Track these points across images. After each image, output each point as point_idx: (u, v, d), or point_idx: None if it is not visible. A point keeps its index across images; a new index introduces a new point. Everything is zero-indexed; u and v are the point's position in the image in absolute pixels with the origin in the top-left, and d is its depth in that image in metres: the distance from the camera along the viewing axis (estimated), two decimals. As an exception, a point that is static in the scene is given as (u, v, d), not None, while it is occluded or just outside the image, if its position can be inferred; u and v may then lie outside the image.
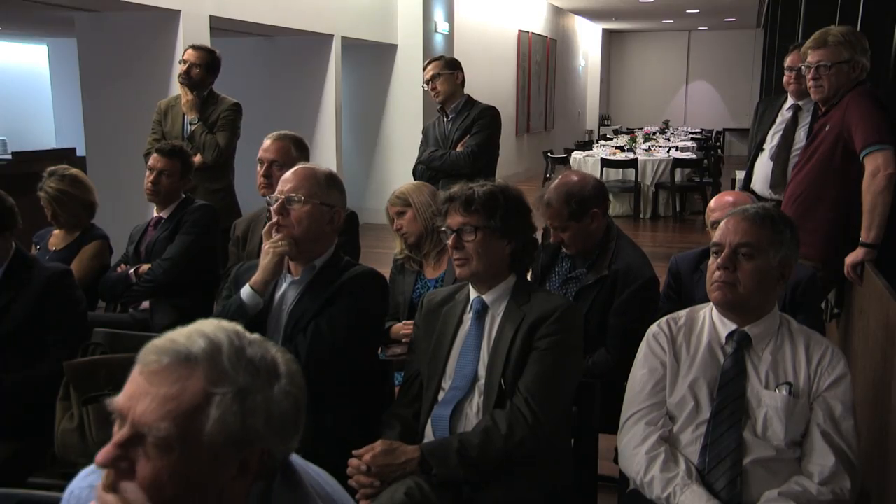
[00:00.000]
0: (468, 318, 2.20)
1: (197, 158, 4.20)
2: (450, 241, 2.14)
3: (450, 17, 10.57)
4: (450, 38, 10.59)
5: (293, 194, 2.32)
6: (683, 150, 12.12)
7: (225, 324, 1.14)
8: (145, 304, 3.58)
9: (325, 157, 8.34)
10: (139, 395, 1.07)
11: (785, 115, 4.16)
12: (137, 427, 1.06)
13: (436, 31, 10.17)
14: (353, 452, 2.01)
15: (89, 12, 6.08)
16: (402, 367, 2.68)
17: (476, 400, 2.11)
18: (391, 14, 9.74)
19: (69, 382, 2.60)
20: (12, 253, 2.74)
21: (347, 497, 1.29)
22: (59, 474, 2.54)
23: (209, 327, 1.12)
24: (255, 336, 1.16)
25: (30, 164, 6.92)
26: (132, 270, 3.57)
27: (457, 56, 5.59)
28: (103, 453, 1.06)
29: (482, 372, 2.12)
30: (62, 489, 1.86)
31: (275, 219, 2.34)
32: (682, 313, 2.14)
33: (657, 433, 1.98)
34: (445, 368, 2.17)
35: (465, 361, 2.14)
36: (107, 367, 2.66)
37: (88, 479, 1.28)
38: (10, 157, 7.46)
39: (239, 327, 1.15)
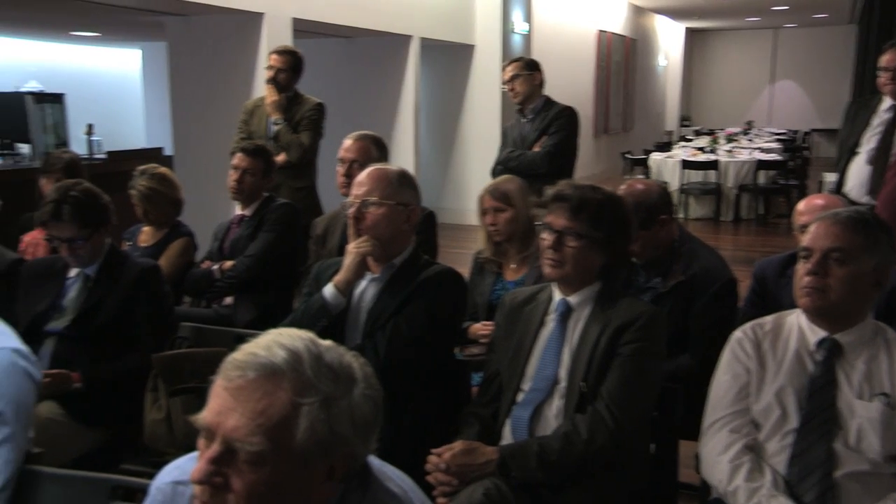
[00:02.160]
0: (550, 319, 2.18)
1: (281, 157, 4.29)
2: (548, 241, 2.11)
3: (528, 18, 10.52)
4: (528, 38, 10.54)
5: (368, 197, 2.35)
6: (768, 151, 11.78)
7: (298, 331, 1.15)
8: (228, 300, 3.67)
9: (403, 157, 8.41)
10: (227, 410, 1.08)
11: (883, 116, 3.99)
12: (229, 443, 1.07)
13: (514, 31, 10.14)
14: (433, 451, 2.02)
15: (179, 17, 6.28)
16: (479, 368, 2.67)
17: (556, 403, 2.09)
18: (469, 15, 9.75)
19: (157, 374, 2.68)
20: (107, 249, 2.85)
21: (423, 497, 1.30)
22: (148, 462, 2.62)
23: (285, 337, 1.13)
24: (329, 342, 1.17)
25: (122, 162, 7.18)
26: (216, 267, 3.66)
27: (535, 56, 5.56)
28: (197, 471, 1.08)
29: (563, 375, 2.10)
30: (151, 476, 1.93)
31: (351, 223, 2.37)
32: (768, 319, 2.08)
33: (741, 441, 1.92)
34: (525, 369, 2.16)
35: (546, 363, 2.12)
36: (192, 361, 2.74)
37: (172, 474, 1.32)
38: (104, 156, 7.76)
39: (312, 334, 1.16)
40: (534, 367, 2.14)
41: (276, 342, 1.11)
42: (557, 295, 2.19)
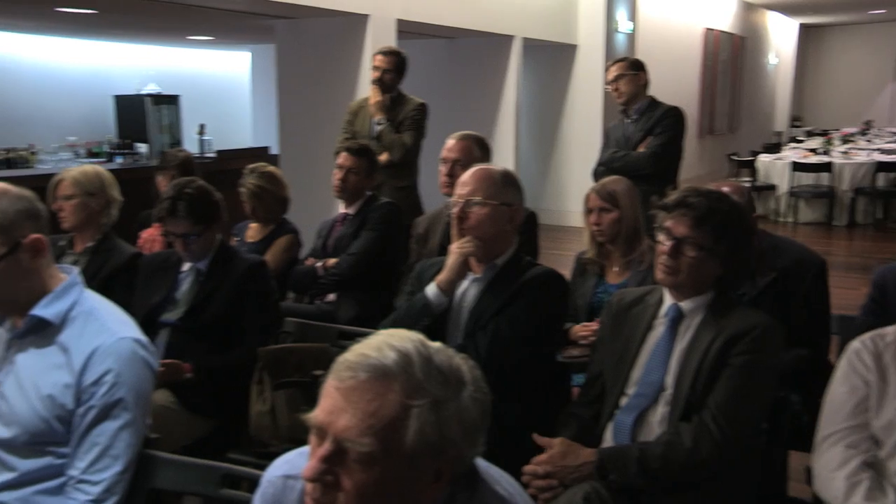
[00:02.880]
0: (659, 323, 2.12)
1: (384, 157, 4.35)
2: (665, 247, 2.05)
3: (633, 16, 10.33)
4: (632, 37, 10.36)
5: (472, 197, 2.35)
6: (888, 152, 11.19)
7: (408, 333, 1.16)
8: (331, 297, 3.74)
9: (504, 157, 8.40)
10: (338, 410, 1.09)
11: None
12: (340, 442, 1.09)
13: (617, 30, 9.97)
14: (532, 461, 2.00)
15: (288, 19, 6.45)
16: (580, 369, 2.64)
17: (661, 409, 2.04)
18: (572, 14, 9.65)
19: (263, 367, 2.76)
20: (218, 244, 2.95)
21: (529, 500, 1.29)
22: (253, 452, 2.70)
23: (395, 339, 1.14)
24: (438, 344, 1.17)
25: (230, 161, 7.45)
26: (319, 264, 3.74)
27: (638, 56, 5.46)
28: (309, 468, 1.10)
29: (669, 381, 2.04)
30: (256, 466, 1.99)
31: (455, 223, 2.38)
32: (890, 330, 1.96)
33: (860, 457, 1.83)
34: (630, 374, 2.11)
35: (653, 369, 2.07)
36: (296, 355, 2.81)
37: (282, 468, 1.34)
38: (214, 154, 8.07)
39: (422, 336, 1.16)
40: (639, 372, 2.10)
41: (386, 344, 1.12)
42: (668, 299, 2.13)
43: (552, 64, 9.88)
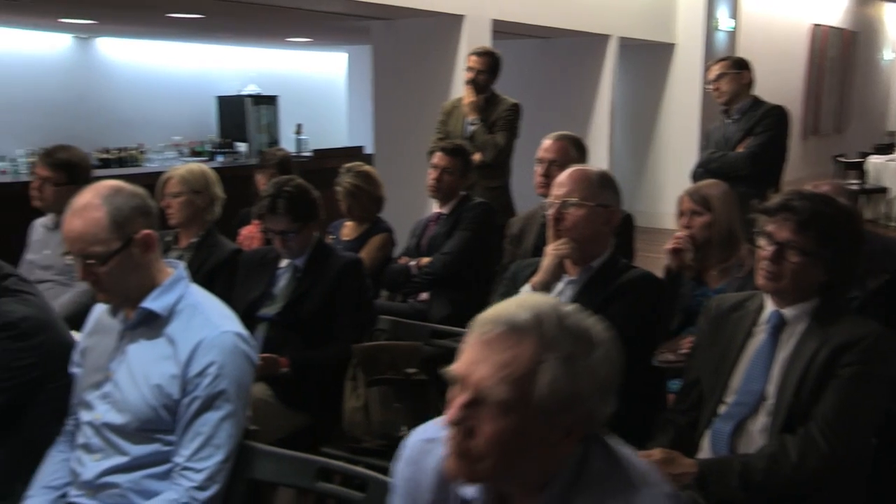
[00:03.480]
0: (760, 330, 2.05)
1: (476, 157, 4.36)
2: (767, 252, 1.98)
3: (734, 14, 10.03)
4: (733, 35, 10.06)
5: (568, 198, 2.33)
6: None
7: (542, 296, 1.28)
8: (424, 296, 3.77)
9: (597, 158, 8.27)
10: (477, 361, 1.18)
11: None
12: (477, 391, 1.17)
13: (718, 28, 9.70)
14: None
15: (384, 20, 6.53)
16: (676, 375, 2.58)
17: (761, 419, 1.97)
18: (671, 12, 9.45)
19: (357, 364, 2.80)
20: (315, 242, 3.01)
21: (656, 472, 1.30)
22: (346, 447, 2.75)
23: (531, 300, 1.23)
24: (572, 306, 1.24)
25: (326, 160, 7.60)
26: (413, 263, 3.77)
27: (739, 54, 5.29)
28: (451, 415, 1.19)
29: (771, 391, 1.97)
30: (348, 461, 2.02)
31: (551, 224, 2.36)
32: None
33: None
34: (729, 381, 2.05)
35: (754, 377, 2.00)
36: (389, 353, 2.84)
37: (423, 434, 1.42)
38: (310, 153, 8.25)
39: (556, 299, 1.26)
40: (739, 380, 2.03)
41: (522, 304, 1.21)
42: (770, 305, 2.05)
43: (648, 63, 9.69)
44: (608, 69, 8.52)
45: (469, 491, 1.29)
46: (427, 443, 1.38)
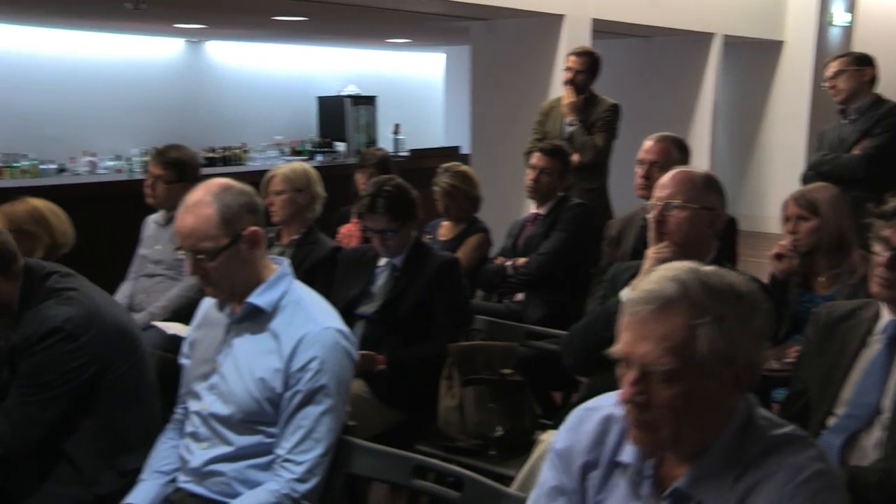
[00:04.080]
0: (875, 340, 1.95)
1: (574, 158, 4.31)
2: (882, 258, 1.89)
3: (851, 7, 9.58)
4: (849, 31, 9.61)
5: (671, 200, 2.27)
6: None
7: (682, 263, 1.33)
8: (519, 296, 3.75)
9: (698, 159, 8.05)
10: (636, 340, 1.28)
11: None
12: (643, 367, 1.27)
13: (832, 24, 9.29)
14: None
15: (483, 21, 6.54)
16: (781, 384, 2.49)
17: (876, 434, 1.87)
18: (780, 9, 9.11)
19: (453, 363, 2.80)
20: (413, 241, 3.04)
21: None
22: (440, 446, 2.76)
23: (671, 271, 1.31)
24: (711, 267, 1.32)
25: (423, 160, 7.67)
26: (509, 263, 3.76)
27: (856, 51, 5.04)
28: (623, 393, 1.30)
29: (887, 405, 1.87)
30: (442, 460, 2.03)
31: (652, 227, 2.30)
32: None
33: None
34: (840, 393, 1.96)
35: (867, 390, 1.91)
36: (485, 353, 2.84)
37: (587, 404, 1.50)
38: (407, 153, 8.34)
39: (695, 264, 1.33)
40: (850, 392, 1.94)
41: (664, 277, 1.30)
42: (886, 315, 1.95)
43: (754, 62, 9.38)
44: (711, 68, 8.29)
45: (625, 455, 1.38)
46: (588, 411, 1.47)
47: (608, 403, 1.44)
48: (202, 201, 1.90)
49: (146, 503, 1.96)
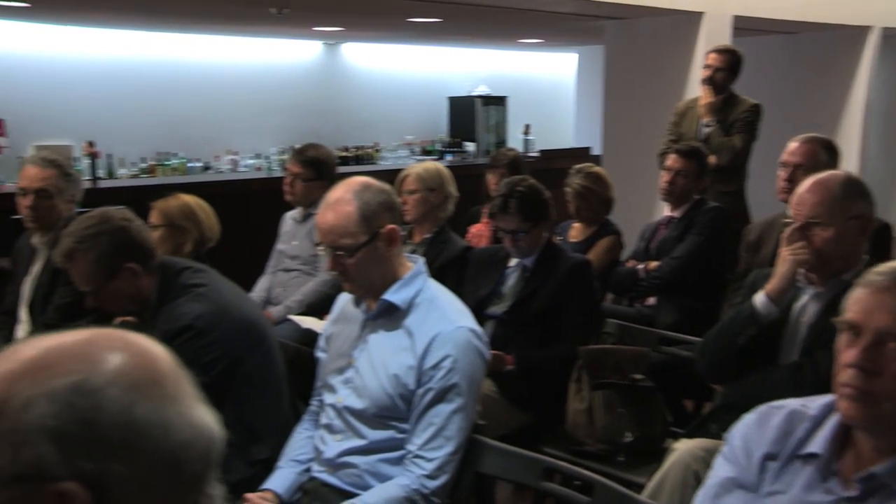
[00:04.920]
0: None
1: (711, 160, 4.17)
2: None
3: None
4: None
5: (813, 219, 2.14)
6: None
7: None
8: (651, 301, 3.67)
9: (847, 163, 7.59)
10: (872, 309, 1.35)
11: None
12: (877, 334, 1.33)
13: None
14: None
15: (618, 20, 6.43)
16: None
17: None
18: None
19: (582, 366, 2.78)
20: (544, 242, 3.02)
21: None
22: (567, 449, 2.73)
23: None
24: None
25: (552, 160, 7.61)
26: (641, 266, 3.68)
27: None
28: (852, 356, 1.35)
29: None
30: (570, 463, 2.00)
31: (798, 244, 2.18)
32: None
33: None
34: None
35: None
36: (616, 357, 2.79)
37: (775, 403, 1.52)
38: (537, 154, 8.31)
39: None
40: None
41: None
42: None
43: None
44: (866, 64, 7.79)
45: (814, 446, 1.41)
46: (774, 408, 1.50)
47: (793, 403, 1.49)
48: (343, 199, 1.95)
49: (282, 489, 2.04)
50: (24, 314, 3.09)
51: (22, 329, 3.08)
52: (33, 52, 6.69)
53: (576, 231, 3.96)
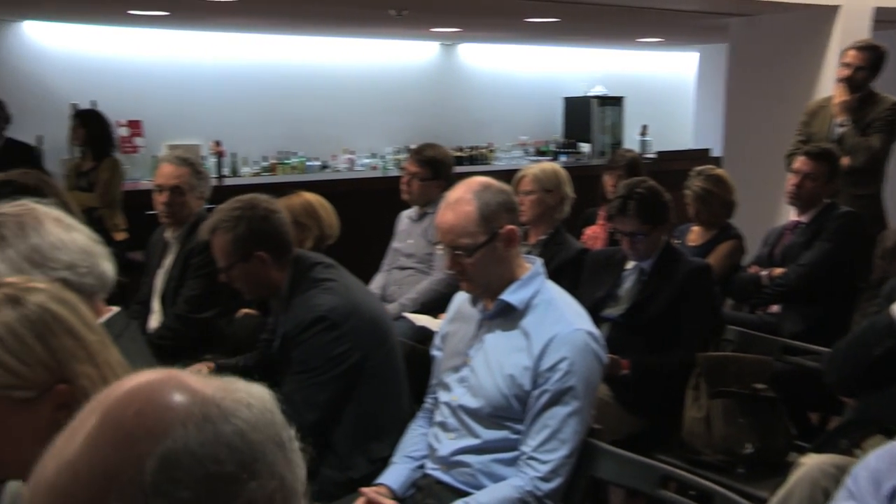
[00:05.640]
0: None
1: (845, 162, 3.97)
2: None
3: None
4: None
5: None
6: None
7: None
8: (774, 308, 3.54)
9: None
10: None
11: None
12: None
13: None
14: None
15: (744, 17, 6.21)
16: None
17: None
18: None
19: (701, 373, 2.70)
20: (663, 245, 2.95)
21: None
22: (682, 457, 2.66)
23: None
24: None
25: (670, 162, 7.43)
26: (765, 273, 3.55)
27: None
28: None
29: None
30: (685, 472, 1.95)
31: None
32: None
33: None
34: None
35: None
36: (736, 365, 2.70)
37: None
38: (654, 155, 8.13)
39: None
40: None
41: None
42: None
43: None
44: None
45: None
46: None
47: None
48: (463, 199, 1.96)
49: (397, 485, 2.06)
50: (156, 305, 3.26)
51: (154, 319, 3.25)
52: (166, 57, 7.05)
53: (695, 234, 3.85)
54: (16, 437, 1.10)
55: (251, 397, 0.74)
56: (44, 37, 6.54)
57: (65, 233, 1.52)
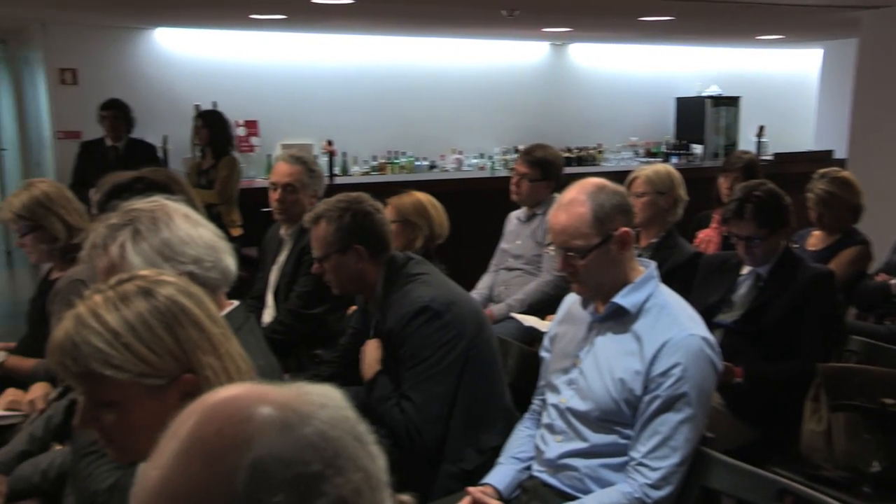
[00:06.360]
0: None
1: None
2: None
3: None
4: None
5: None
6: None
7: None
8: (903, 319, 3.36)
9: None
10: None
11: None
12: None
13: None
14: None
15: (877, 9, 5.89)
16: None
17: None
18: None
19: (821, 385, 2.58)
20: (781, 250, 2.84)
21: None
22: (800, 472, 2.55)
23: None
24: None
25: (788, 164, 7.13)
26: (894, 281, 3.36)
27: None
28: None
29: None
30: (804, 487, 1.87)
31: None
32: None
33: None
34: None
35: None
36: (862, 377, 2.57)
37: None
38: (771, 157, 7.82)
39: None
40: None
41: None
42: None
43: None
44: None
45: None
46: None
47: None
48: (576, 200, 1.94)
49: (503, 486, 2.06)
50: (270, 299, 3.37)
51: (268, 314, 3.35)
52: (282, 59, 7.29)
53: (815, 239, 3.69)
54: (146, 423, 1.15)
55: (324, 398, 0.77)
56: (171, 43, 6.89)
57: (192, 228, 1.59)
